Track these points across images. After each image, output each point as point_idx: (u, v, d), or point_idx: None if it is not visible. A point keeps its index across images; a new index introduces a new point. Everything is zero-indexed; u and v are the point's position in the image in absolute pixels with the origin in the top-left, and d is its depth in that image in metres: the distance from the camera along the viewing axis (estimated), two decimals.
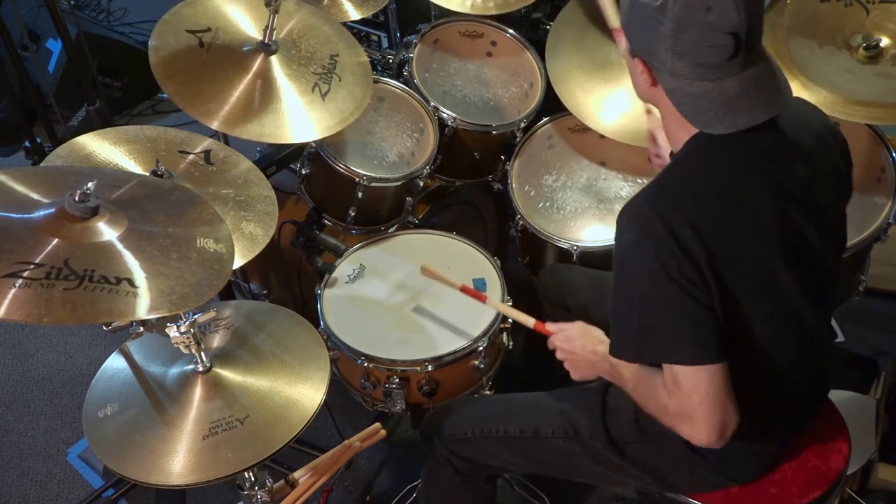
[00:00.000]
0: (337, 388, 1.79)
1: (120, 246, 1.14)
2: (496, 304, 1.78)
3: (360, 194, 2.01)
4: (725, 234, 1.20)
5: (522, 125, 2.23)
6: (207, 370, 1.36)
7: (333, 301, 1.90)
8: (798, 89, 1.81)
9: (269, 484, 1.48)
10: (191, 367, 1.37)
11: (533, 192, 2.14)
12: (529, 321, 1.65)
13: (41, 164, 1.52)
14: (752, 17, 1.15)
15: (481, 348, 1.77)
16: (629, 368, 1.38)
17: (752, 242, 1.22)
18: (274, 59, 1.74)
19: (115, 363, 1.42)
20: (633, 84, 1.35)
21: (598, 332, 1.51)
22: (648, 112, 1.81)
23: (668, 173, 1.26)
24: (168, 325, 1.29)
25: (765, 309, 1.26)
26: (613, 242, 1.99)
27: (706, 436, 1.23)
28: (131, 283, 1.10)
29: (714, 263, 1.18)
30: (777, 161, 1.24)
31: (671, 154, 1.33)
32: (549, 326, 1.59)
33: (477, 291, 1.77)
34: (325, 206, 2.10)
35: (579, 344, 1.50)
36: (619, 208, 2.17)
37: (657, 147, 1.73)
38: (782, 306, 1.27)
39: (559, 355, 1.55)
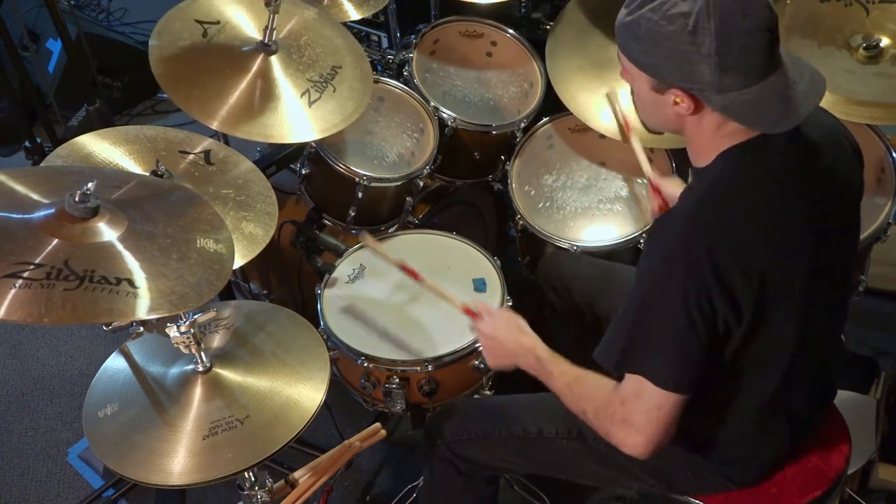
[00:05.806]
0: (337, 388, 1.79)
1: (120, 246, 1.14)
2: (429, 283, 1.69)
3: (360, 194, 2.01)
4: (764, 254, 1.19)
5: (522, 125, 2.22)
6: (207, 370, 1.36)
7: (333, 301, 1.90)
8: None
9: (269, 484, 1.48)
10: (191, 367, 1.37)
11: (533, 192, 2.14)
12: (457, 303, 1.61)
13: (41, 164, 1.52)
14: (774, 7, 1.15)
15: (481, 348, 1.77)
16: (561, 366, 1.39)
17: (788, 259, 1.22)
18: (274, 59, 1.74)
19: (115, 363, 1.42)
20: (655, 119, 1.31)
21: (523, 323, 1.50)
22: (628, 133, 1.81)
23: (706, 193, 1.23)
24: (168, 325, 1.29)
25: (789, 320, 1.25)
26: (617, 242, 1.98)
27: (642, 450, 1.26)
28: (131, 283, 1.10)
29: (751, 284, 1.17)
30: (806, 170, 1.24)
31: (693, 170, 1.31)
32: (477, 308, 1.56)
33: (412, 269, 1.70)
34: (325, 206, 2.10)
35: (503, 332, 1.49)
36: (620, 208, 2.16)
37: (659, 198, 1.73)
38: (806, 316, 1.27)
39: (480, 340, 1.54)
